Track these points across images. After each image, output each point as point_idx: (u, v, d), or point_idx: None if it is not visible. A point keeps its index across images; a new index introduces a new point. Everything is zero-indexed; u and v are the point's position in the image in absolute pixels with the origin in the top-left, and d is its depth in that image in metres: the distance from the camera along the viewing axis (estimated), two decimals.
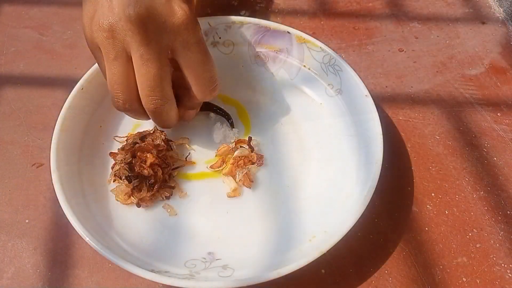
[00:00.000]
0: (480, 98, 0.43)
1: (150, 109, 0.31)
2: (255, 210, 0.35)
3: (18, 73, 0.44)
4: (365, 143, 0.35)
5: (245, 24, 0.40)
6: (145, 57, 0.29)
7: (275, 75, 0.42)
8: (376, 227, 0.35)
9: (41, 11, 0.50)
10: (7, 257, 0.34)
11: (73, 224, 0.30)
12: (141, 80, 0.30)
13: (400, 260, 0.34)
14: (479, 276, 0.33)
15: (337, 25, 0.49)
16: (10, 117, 0.41)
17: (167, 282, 0.28)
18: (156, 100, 0.30)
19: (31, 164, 0.38)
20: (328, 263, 0.33)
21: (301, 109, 0.40)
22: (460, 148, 0.39)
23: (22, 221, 0.35)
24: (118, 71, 0.30)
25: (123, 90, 0.30)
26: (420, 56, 0.46)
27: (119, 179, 0.35)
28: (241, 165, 0.36)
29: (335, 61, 0.38)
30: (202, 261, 0.32)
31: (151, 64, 0.29)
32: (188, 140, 0.39)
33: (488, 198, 0.37)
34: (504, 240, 0.34)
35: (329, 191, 0.35)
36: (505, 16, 0.49)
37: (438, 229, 0.35)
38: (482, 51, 0.46)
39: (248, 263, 0.32)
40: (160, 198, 0.35)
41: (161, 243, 0.33)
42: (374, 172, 0.32)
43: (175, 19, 0.29)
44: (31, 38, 0.47)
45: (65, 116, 0.35)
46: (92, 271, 0.33)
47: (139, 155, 0.35)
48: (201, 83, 0.32)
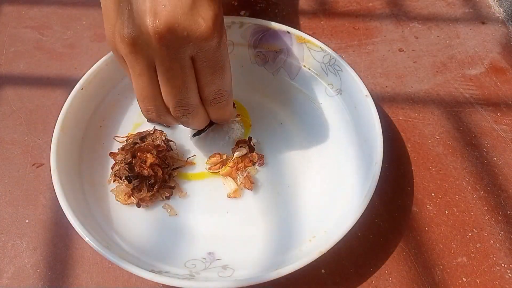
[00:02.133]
0: (480, 98, 0.43)
1: (178, 117, 0.31)
2: (255, 210, 0.35)
3: (18, 73, 0.44)
4: (365, 143, 0.35)
5: (245, 24, 0.40)
6: (170, 73, 0.28)
7: (275, 75, 0.42)
8: (376, 227, 0.35)
9: (41, 11, 0.50)
10: (7, 257, 0.34)
11: (73, 224, 0.30)
12: (167, 93, 0.29)
13: (400, 260, 0.34)
14: (479, 276, 0.33)
15: (337, 25, 0.49)
16: (10, 117, 0.41)
17: (167, 282, 0.28)
18: (183, 109, 0.30)
19: (31, 164, 0.38)
20: (328, 263, 0.33)
21: (301, 109, 0.40)
22: (460, 148, 0.39)
23: (22, 221, 0.35)
24: (147, 86, 0.29)
25: (154, 103, 0.30)
26: (420, 56, 0.46)
27: (119, 179, 0.35)
28: (241, 168, 0.36)
29: (335, 61, 0.38)
30: (202, 261, 0.32)
31: (176, 79, 0.28)
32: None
33: (488, 198, 0.37)
34: (504, 240, 0.34)
35: (329, 191, 0.35)
36: (505, 16, 0.49)
37: (438, 229, 0.35)
38: (482, 51, 0.46)
39: (248, 263, 0.32)
40: (160, 198, 0.35)
41: (161, 243, 0.33)
42: (374, 172, 0.32)
43: (198, 33, 0.26)
44: (31, 38, 0.47)
45: (65, 116, 0.35)
46: (92, 271, 0.33)
47: (139, 155, 0.35)
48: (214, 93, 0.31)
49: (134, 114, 0.40)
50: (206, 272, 0.31)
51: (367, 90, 0.36)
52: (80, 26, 0.48)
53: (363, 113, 0.36)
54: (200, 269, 0.31)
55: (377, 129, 0.34)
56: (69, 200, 0.31)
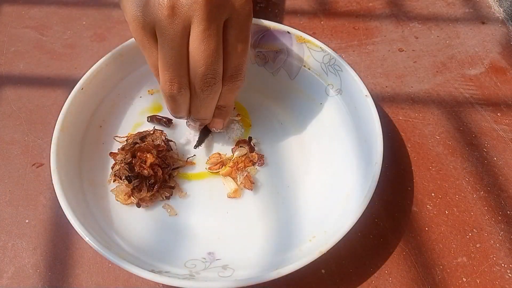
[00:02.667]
0: (480, 98, 0.43)
1: (202, 88, 0.30)
2: (255, 210, 0.35)
3: (18, 73, 0.44)
4: (365, 143, 0.35)
5: None
6: (207, 33, 0.28)
7: (275, 75, 0.42)
8: (376, 227, 0.35)
9: (41, 11, 0.50)
10: (7, 257, 0.34)
11: (73, 224, 0.30)
12: (199, 57, 0.28)
13: (400, 260, 0.34)
14: (479, 276, 0.33)
15: (337, 25, 0.49)
16: (10, 117, 0.41)
17: (167, 282, 0.28)
18: (211, 78, 0.29)
19: (31, 164, 0.38)
20: (328, 263, 0.33)
21: (301, 109, 0.40)
22: (460, 148, 0.39)
23: (22, 221, 0.35)
24: (176, 51, 0.28)
25: (179, 72, 0.29)
26: (420, 56, 0.46)
27: (119, 179, 0.35)
28: (241, 168, 0.36)
29: (335, 61, 0.38)
30: (202, 261, 0.32)
31: (211, 39, 0.28)
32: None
33: (488, 198, 0.37)
34: (504, 240, 0.34)
35: (329, 191, 0.35)
36: (505, 16, 0.49)
37: (438, 229, 0.35)
38: (482, 51, 0.46)
39: (248, 263, 0.32)
40: (160, 198, 0.35)
41: (161, 243, 0.33)
42: (374, 172, 0.32)
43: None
44: (31, 38, 0.47)
45: (65, 116, 0.35)
46: (92, 271, 0.33)
47: (139, 155, 0.35)
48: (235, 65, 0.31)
49: (134, 114, 0.40)
50: (206, 272, 0.31)
51: (367, 90, 0.36)
52: (80, 26, 0.48)
53: (363, 113, 0.36)
54: (200, 269, 0.31)
55: (377, 129, 0.34)
56: (69, 200, 0.31)
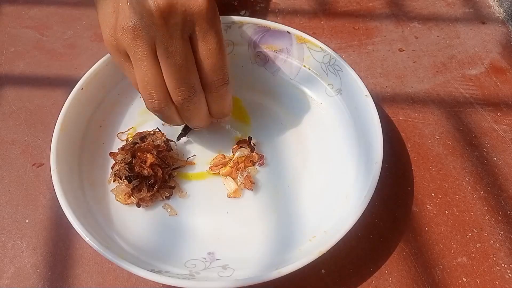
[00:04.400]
0: (480, 98, 0.43)
1: (179, 102, 0.31)
2: (255, 210, 0.35)
3: (18, 73, 0.44)
4: (365, 143, 0.35)
5: (245, 24, 0.40)
6: (170, 50, 0.29)
7: (275, 75, 0.42)
8: (376, 227, 0.35)
9: (41, 11, 0.50)
10: (7, 257, 0.34)
11: (73, 224, 0.30)
12: (168, 73, 0.30)
13: (400, 260, 0.34)
14: (479, 276, 0.33)
15: (337, 25, 0.49)
16: (10, 117, 0.41)
17: (167, 282, 0.28)
18: (184, 91, 0.30)
19: (31, 164, 0.38)
20: (328, 263, 0.33)
21: (301, 109, 0.40)
22: (460, 148, 0.39)
23: (22, 221, 0.35)
24: (148, 70, 0.30)
25: (156, 89, 0.30)
26: (420, 56, 0.46)
27: (119, 179, 0.35)
28: (241, 168, 0.36)
29: (335, 61, 0.38)
30: (202, 261, 0.32)
31: (176, 55, 0.29)
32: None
33: (488, 198, 0.37)
34: (504, 240, 0.34)
35: (329, 191, 0.35)
36: (505, 16, 0.49)
37: (438, 229, 0.35)
38: (482, 51, 0.46)
39: (248, 263, 0.32)
40: (160, 198, 0.35)
41: (161, 243, 0.33)
42: (374, 172, 0.32)
43: (196, 7, 0.29)
44: (31, 38, 0.47)
45: (65, 116, 0.35)
46: (92, 271, 0.33)
47: (139, 155, 0.35)
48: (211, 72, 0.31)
49: (134, 114, 0.40)
50: (206, 272, 0.31)
51: (367, 90, 0.36)
52: (80, 26, 0.48)
53: (363, 113, 0.36)
54: (200, 269, 0.31)
55: (377, 129, 0.34)
56: (69, 200, 0.31)
